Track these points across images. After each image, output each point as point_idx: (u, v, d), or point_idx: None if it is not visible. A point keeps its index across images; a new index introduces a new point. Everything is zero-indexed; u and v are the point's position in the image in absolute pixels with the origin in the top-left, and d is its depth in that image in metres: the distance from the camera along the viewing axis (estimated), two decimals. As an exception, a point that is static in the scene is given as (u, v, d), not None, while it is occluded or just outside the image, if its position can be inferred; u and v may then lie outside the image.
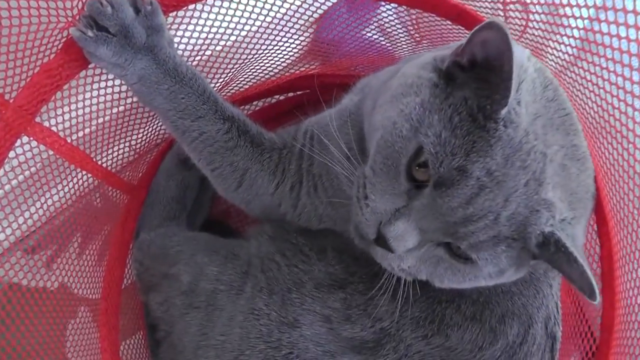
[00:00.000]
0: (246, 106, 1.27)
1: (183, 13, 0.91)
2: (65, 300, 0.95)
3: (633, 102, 0.72)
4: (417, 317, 0.81)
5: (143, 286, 1.06)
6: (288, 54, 1.14)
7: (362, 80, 0.98)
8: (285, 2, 1.00)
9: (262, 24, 1.03)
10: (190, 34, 0.96)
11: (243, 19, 0.99)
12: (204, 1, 0.91)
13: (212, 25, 0.97)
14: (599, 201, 0.81)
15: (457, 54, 0.69)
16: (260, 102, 1.31)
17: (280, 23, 1.05)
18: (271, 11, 1.01)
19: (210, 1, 0.93)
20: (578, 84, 0.82)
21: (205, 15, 0.94)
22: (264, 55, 1.10)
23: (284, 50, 1.12)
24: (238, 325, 0.87)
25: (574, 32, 0.83)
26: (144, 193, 1.16)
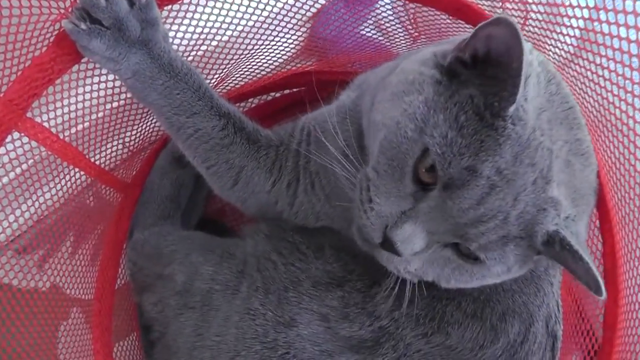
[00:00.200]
0: (242, 103, 1.26)
1: (178, 7, 0.90)
2: (57, 301, 0.93)
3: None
4: (417, 315, 0.79)
5: (137, 286, 1.04)
6: (284, 50, 1.13)
7: (360, 76, 0.97)
8: (280, -1, 1.00)
9: (258, 20, 1.01)
10: (185, 29, 0.95)
11: (239, 14, 0.98)
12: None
13: (208, 20, 0.96)
14: (602, 197, 0.80)
15: (460, 50, 0.68)
16: (256, 99, 1.30)
17: (276, 18, 1.04)
18: (267, 6, 1.00)
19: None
20: (580, 79, 0.81)
21: (200, 9, 0.93)
22: (260, 51, 1.09)
23: (280, 46, 1.11)
24: (234, 325, 0.86)
25: (575, 27, 0.82)
26: (138, 191, 1.14)
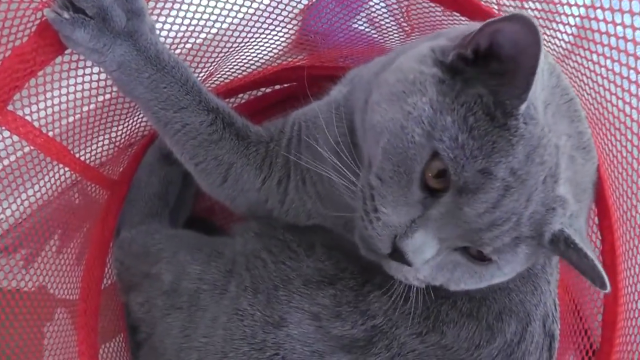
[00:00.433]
0: (231, 99, 1.25)
1: (165, -2, 0.88)
2: (42, 301, 0.91)
3: (638, 92, 0.71)
4: (411, 314, 0.78)
5: (124, 286, 1.03)
6: (274, 44, 1.12)
7: (352, 71, 0.95)
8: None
9: (248, 12, 1.00)
10: (173, 20, 0.92)
11: (228, 6, 0.96)
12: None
13: (196, 12, 0.94)
14: (602, 193, 0.79)
15: (463, 46, 0.65)
16: (246, 95, 1.28)
17: (266, 11, 1.02)
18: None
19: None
20: (580, 73, 0.79)
21: (188, 1, 0.91)
22: (250, 45, 1.07)
23: (270, 39, 1.10)
24: (221, 326, 0.84)
25: (570, 21, 0.81)
26: (125, 189, 1.12)
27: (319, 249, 0.86)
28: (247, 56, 1.12)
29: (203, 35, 0.98)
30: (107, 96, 0.93)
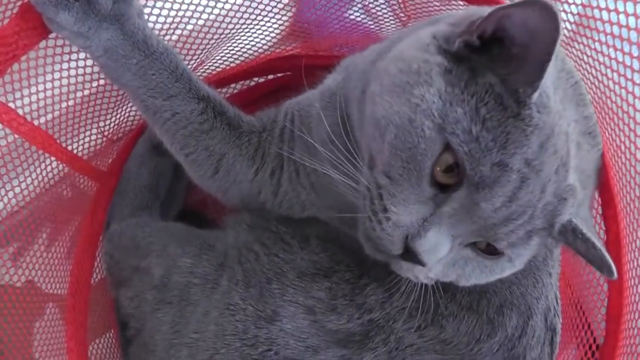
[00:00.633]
0: (224, 89, 1.23)
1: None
2: (32, 297, 0.90)
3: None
4: (410, 307, 0.76)
5: (113, 281, 1.00)
6: (267, 33, 1.10)
7: (346, 59, 0.93)
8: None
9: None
10: (162, 5, 0.90)
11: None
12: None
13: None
14: (606, 182, 0.77)
15: (469, 33, 0.62)
16: (238, 85, 1.26)
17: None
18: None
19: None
20: (583, 62, 0.78)
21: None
22: (241, 33, 1.06)
23: (262, 28, 1.08)
24: (213, 321, 0.82)
25: (572, 9, 0.80)
26: (115, 180, 1.10)
27: (314, 241, 0.85)
28: (239, 44, 1.10)
29: (193, 21, 0.96)
30: (96, 85, 0.91)
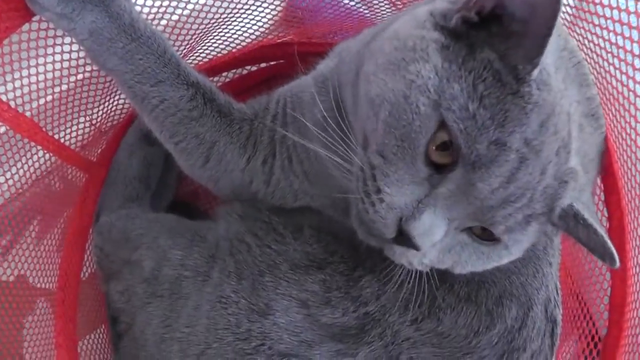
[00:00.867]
0: (215, 77, 1.21)
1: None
2: (22, 292, 0.90)
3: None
4: (406, 300, 0.74)
5: (104, 274, 0.99)
6: (259, 19, 1.08)
7: (340, 44, 0.91)
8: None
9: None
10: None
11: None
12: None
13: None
14: (609, 166, 0.75)
15: (467, 8, 0.61)
16: (230, 74, 1.24)
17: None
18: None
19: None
20: (584, 46, 0.75)
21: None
22: (233, 19, 1.04)
23: (254, 13, 1.06)
24: (204, 315, 0.81)
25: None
26: (104, 171, 1.08)
27: (307, 232, 0.83)
28: (231, 31, 1.08)
29: (182, 5, 0.94)
30: (87, 74, 0.90)
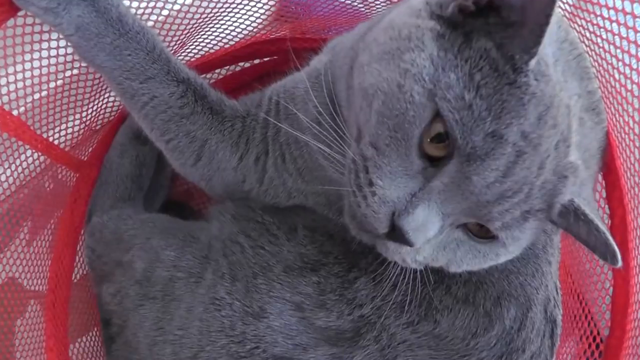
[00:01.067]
0: (208, 74, 1.20)
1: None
2: (13, 294, 0.89)
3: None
4: (401, 302, 0.73)
5: (96, 276, 0.98)
6: (252, 12, 1.07)
7: (333, 39, 0.90)
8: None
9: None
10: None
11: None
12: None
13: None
14: (611, 162, 0.73)
15: None
16: (223, 70, 1.23)
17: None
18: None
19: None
20: (586, 38, 0.74)
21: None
22: (227, 13, 1.03)
23: (247, 8, 1.04)
24: (197, 317, 0.80)
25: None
26: (96, 171, 1.07)
27: (301, 232, 0.81)
28: (223, 26, 1.07)
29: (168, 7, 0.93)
30: (76, 70, 0.89)
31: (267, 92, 0.88)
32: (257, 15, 1.07)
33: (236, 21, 1.07)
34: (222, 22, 1.05)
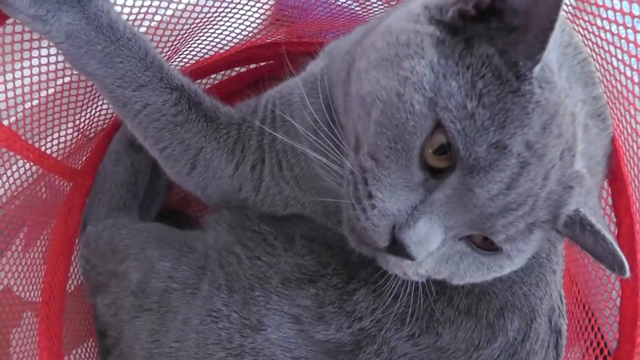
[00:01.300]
0: (203, 80, 1.18)
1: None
2: (9, 305, 0.89)
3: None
4: (402, 314, 0.71)
5: (91, 286, 0.96)
6: (247, 16, 1.05)
7: (330, 44, 0.88)
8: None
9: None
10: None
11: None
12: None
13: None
14: (618, 169, 0.71)
15: (464, 1, 0.57)
16: (219, 76, 1.22)
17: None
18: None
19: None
20: (591, 41, 0.72)
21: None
22: (221, 18, 1.01)
23: (241, 12, 1.03)
24: (194, 329, 0.78)
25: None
26: (90, 180, 1.05)
27: (299, 242, 0.80)
28: (217, 31, 1.06)
29: (165, 4, 0.91)
30: (67, 78, 0.88)
31: (263, 98, 0.86)
32: (253, 19, 1.05)
33: (231, 25, 1.05)
34: (217, 27, 1.03)
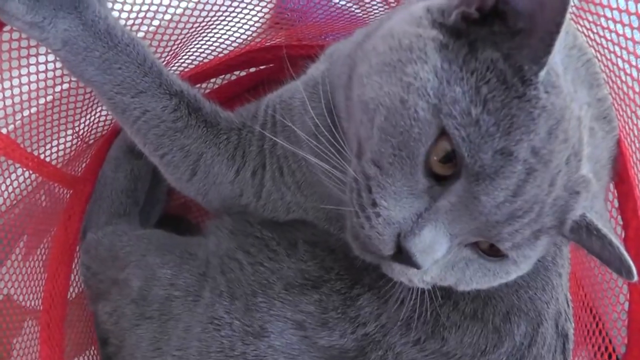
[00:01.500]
0: (203, 84, 1.18)
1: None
2: (10, 313, 0.89)
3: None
4: (407, 319, 0.70)
5: (92, 294, 0.95)
6: (247, 20, 1.05)
7: (331, 46, 0.87)
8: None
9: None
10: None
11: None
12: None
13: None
14: (624, 171, 0.70)
15: (467, 4, 0.57)
16: (218, 80, 1.21)
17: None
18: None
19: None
20: (595, 43, 0.71)
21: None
22: (220, 22, 1.01)
23: (241, 15, 1.03)
24: (196, 337, 0.77)
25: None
26: (90, 187, 1.05)
27: (301, 247, 0.79)
28: (216, 35, 1.05)
29: (162, 9, 0.90)
30: (66, 85, 0.87)
31: (263, 103, 0.86)
32: (252, 22, 1.05)
33: (230, 29, 1.05)
34: (216, 31, 1.03)
